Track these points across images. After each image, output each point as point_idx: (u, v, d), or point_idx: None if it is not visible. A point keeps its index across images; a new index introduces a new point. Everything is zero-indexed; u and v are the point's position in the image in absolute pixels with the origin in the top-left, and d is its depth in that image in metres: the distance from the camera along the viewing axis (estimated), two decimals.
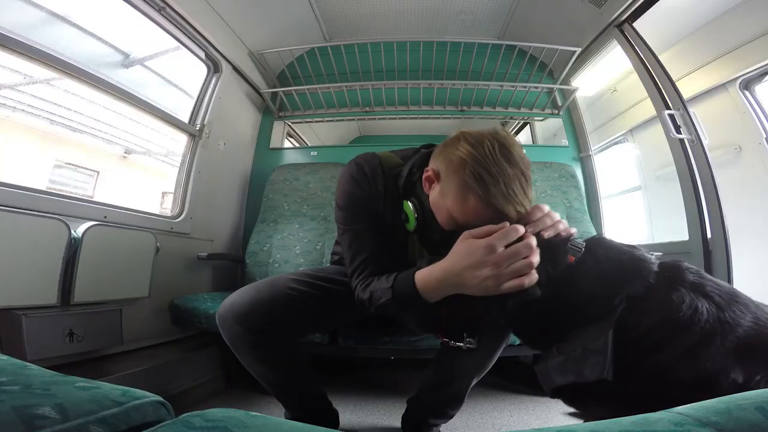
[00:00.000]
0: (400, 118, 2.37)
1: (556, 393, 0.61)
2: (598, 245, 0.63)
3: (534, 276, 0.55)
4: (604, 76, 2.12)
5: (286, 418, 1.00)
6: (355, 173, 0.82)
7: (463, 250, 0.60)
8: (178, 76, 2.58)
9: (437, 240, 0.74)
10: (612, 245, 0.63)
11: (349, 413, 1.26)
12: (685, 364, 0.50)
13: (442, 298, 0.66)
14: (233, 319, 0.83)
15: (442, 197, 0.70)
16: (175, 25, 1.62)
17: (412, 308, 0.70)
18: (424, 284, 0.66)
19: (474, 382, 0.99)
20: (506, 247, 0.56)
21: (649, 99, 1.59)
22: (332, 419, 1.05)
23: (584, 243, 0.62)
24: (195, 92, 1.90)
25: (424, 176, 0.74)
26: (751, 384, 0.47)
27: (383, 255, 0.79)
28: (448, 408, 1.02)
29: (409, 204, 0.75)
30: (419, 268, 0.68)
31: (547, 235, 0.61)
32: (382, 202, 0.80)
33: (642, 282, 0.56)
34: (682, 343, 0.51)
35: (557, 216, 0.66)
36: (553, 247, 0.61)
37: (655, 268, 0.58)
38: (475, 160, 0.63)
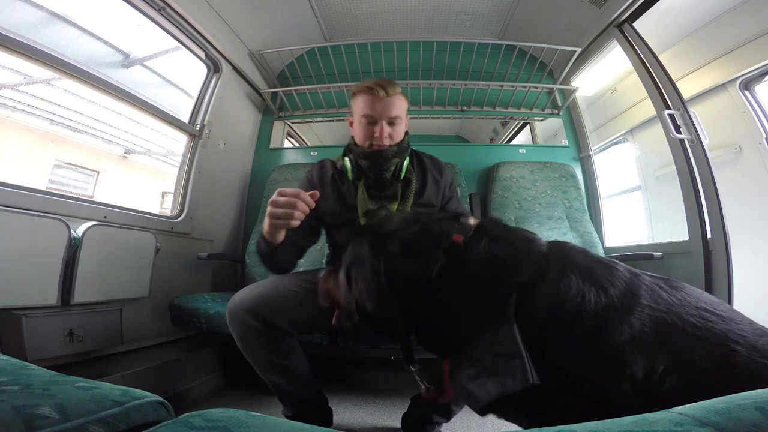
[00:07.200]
0: None
1: (487, 408, 0.49)
2: (488, 224, 0.57)
3: (293, 222, 0.76)
4: (604, 76, 2.12)
5: (284, 414, 1.01)
6: (306, 175, 1.15)
7: None
8: (178, 76, 2.58)
9: (368, 171, 1.01)
10: (501, 225, 0.58)
11: (348, 413, 1.26)
12: (576, 362, 0.44)
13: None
14: (243, 312, 0.89)
15: (354, 118, 1.04)
16: (175, 25, 1.62)
17: (269, 254, 0.89)
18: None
19: None
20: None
21: (649, 99, 1.59)
22: (327, 417, 1.06)
23: (475, 223, 0.58)
24: (195, 92, 1.90)
25: (348, 123, 1.09)
26: (655, 377, 0.41)
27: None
28: (453, 403, 1.02)
29: (346, 159, 1.05)
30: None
31: None
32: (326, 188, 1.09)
33: (533, 267, 0.50)
34: (571, 337, 0.45)
35: None
36: (436, 225, 0.57)
37: (545, 249, 0.53)
38: (357, 85, 1.03)
